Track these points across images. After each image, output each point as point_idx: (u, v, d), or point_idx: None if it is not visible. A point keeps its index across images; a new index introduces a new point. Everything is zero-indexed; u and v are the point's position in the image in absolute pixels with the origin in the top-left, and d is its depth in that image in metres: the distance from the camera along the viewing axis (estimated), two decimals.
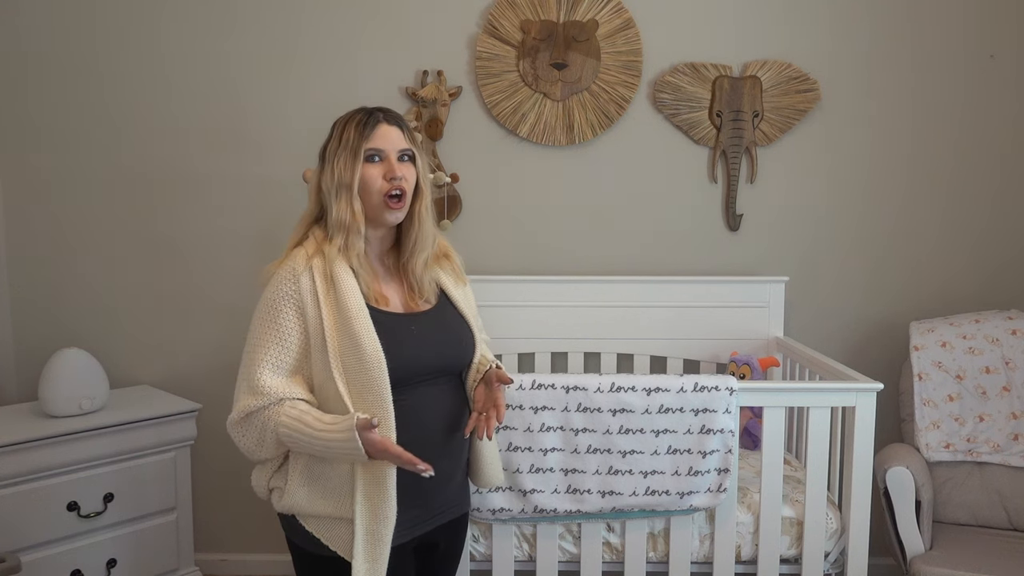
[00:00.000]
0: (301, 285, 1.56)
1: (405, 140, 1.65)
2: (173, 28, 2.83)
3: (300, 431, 1.51)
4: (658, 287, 2.84)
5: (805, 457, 2.19)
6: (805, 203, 2.91)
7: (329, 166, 1.62)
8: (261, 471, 1.67)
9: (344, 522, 1.57)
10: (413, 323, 1.64)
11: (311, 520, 1.60)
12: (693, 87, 2.84)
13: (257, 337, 1.57)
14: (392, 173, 1.60)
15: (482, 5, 2.84)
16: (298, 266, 1.58)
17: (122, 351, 2.92)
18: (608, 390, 2.07)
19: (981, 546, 2.35)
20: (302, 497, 1.59)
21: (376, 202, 1.61)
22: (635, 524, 2.17)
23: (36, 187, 2.87)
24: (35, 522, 2.30)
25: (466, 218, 2.90)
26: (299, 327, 1.56)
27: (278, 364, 1.56)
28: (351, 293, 1.56)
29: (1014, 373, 2.54)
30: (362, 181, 1.60)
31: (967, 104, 2.85)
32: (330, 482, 1.58)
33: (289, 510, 1.61)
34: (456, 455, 1.71)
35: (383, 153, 1.61)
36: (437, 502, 1.68)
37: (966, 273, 2.91)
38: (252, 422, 1.56)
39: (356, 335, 1.52)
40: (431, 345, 1.64)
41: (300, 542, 1.63)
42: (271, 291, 1.59)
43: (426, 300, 1.69)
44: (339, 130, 1.64)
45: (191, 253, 2.90)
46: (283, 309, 1.56)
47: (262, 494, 1.69)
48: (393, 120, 1.65)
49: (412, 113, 2.83)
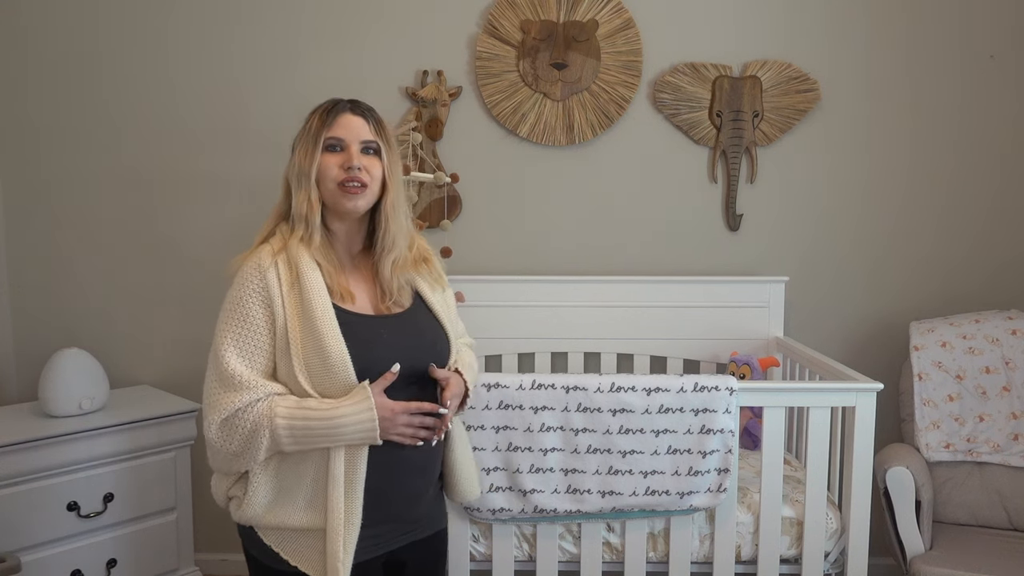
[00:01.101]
0: (268, 280, 1.51)
1: (370, 132, 1.58)
2: (174, 27, 2.83)
3: (305, 419, 1.45)
4: (658, 287, 2.84)
5: (805, 457, 2.19)
6: (805, 203, 2.91)
7: (293, 156, 1.59)
8: (222, 478, 1.59)
9: (306, 534, 1.52)
10: (383, 326, 1.57)
11: (271, 532, 1.54)
12: (693, 87, 2.84)
13: (226, 334, 1.50)
14: (349, 163, 1.54)
15: (482, 5, 2.84)
16: (263, 261, 1.52)
17: (122, 351, 2.92)
18: (608, 390, 2.07)
19: (981, 546, 2.35)
20: (263, 508, 1.53)
21: (332, 189, 1.55)
22: (635, 524, 2.17)
23: (36, 187, 2.88)
24: (35, 522, 2.30)
25: (466, 218, 2.90)
26: (268, 323, 1.50)
27: (253, 360, 1.49)
28: (316, 291, 1.51)
29: (1014, 373, 2.54)
30: (320, 170, 1.55)
31: (967, 104, 2.85)
32: (299, 490, 1.52)
33: (248, 521, 1.55)
34: (429, 469, 1.64)
35: (343, 143, 1.56)
36: (409, 517, 1.62)
37: (966, 273, 2.91)
38: (239, 422, 1.46)
39: (320, 335, 1.47)
40: (401, 350, 1.55)
41: (258, 554, 1.57)
42: (237, 287, 1.53)
43: (397, 304, 1.62)
44: (307, 120, 1.60)
45: (191, 253, 2.90)
46: (251, 304, 1.50)
47: (221, 502, 1.61)
48: (359, 110, 1.60)
49: (412, 113, 2.83)
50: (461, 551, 2.19)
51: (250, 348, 1.49)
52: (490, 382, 2.07)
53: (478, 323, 2.77)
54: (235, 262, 1.57)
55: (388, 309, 1.61)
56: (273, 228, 1.61)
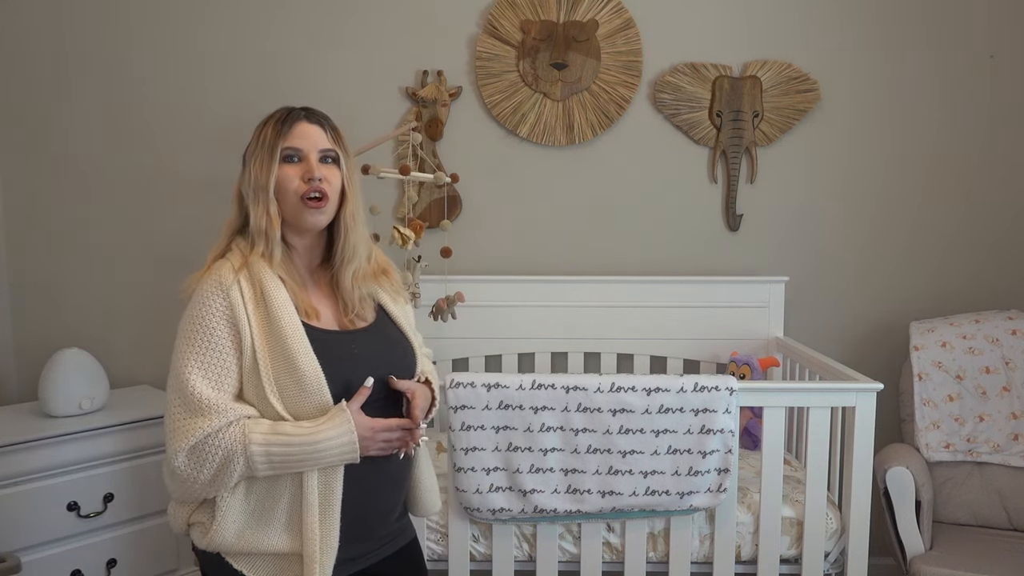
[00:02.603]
0: (232, 299, 1.44)
1: (328, 140, 1.53)
2: (174, 27, 2.83)
3: (285, 444, 1.39)
4: (658, 287, 2.84)
5: (805, 457, 2.19)
6: (805, 203, 2.91)
7: (247, 168, 1.52)
8: (181, 505, 1.51)
9: (281, 558, 1.47)
10: (353, 342, 1.53)
11: (241, 558, 1.47)
12: (693, 87, 2.84)
13: (188, 356, 1.42)
14: (310, 173, 1.48)
15: (482, 5, 2.84)
16: (225, 279, 1.45)
17: (122, 351, 2.92)
18: (608, 390, 2.07)
19: (981, 546, 2.35)
20: (234, 533, 1.45)
21: (293, 203, 1.49)
22: (635, 524, 2.17)
23: (36, 187, 2.87)
24: (35, 522, 2.30)
25: (466, 218, 2.90)
26: (234, 343, 1.43)
27: (220, 382, 1.42)
28: (284, 309, 1.45)
29: (1014, 373, 2.54)
30: (278, 182, 1.49)
31: (967, 104, 2.85)
32: (274, 514, 1.46)
33: (216, 548, 1.46)
34: (400, 482, 1.62)
35: (301, 153, 1.50)
36: (382, 532, 1.60)
37: (966, 273, 2.91)
38: (210, 449, 1.38)
39: (292, 354, 1.41)
40: (374, 364, 1.52)
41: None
42: (197, 306, 1.44)
43: (360, 317, 1.57)
44: (258, 130, 1.53)
45: (191, 253, 2.88)
46: (214, 324, 1.42)
47: (179, 530, 1.53)
48: (315, 119, 1.54)
49: (412, 113, 2.83)
50: (461, 551, 2.19)
51: (216, 370, 1.42)
52: (490, 382, 2.07)
53: (478, 323, 2.78)
54: (191, 280, 1.50)
55: (352, 323, 1.56)
56: (228, 244, 1.54)
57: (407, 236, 2.27)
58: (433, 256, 2.57)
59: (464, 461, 2.08)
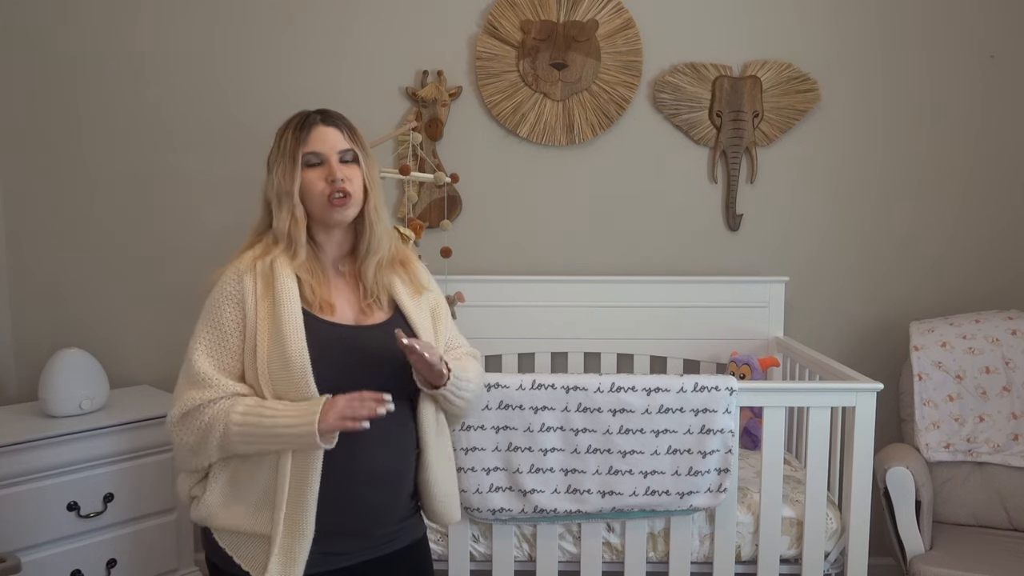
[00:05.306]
0: (243, 284, 1.53)
1: (345, 140, 1.58)
2: (173, 27, 2.83)
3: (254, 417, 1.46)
4: (658, 287, 2.84)
5: (805, 457, 2.19)
6: (805, 203, 2.91)
7: (271, 175, 1.58)
8: (186, 476, 1.60)
9: (258, 539, 1.50)
10: (358, 336, 1.56)
11: (225, 535, 1.54)
12: (693, 87, 2.84)
13: (200, 335, 1.54)
14: (332, 175, 1.54)
15: (482, 5, 2.84)
16: (243, 266, 1.56)
17: (122, 351, 2.92)
18: (608, 390, 2.07)
19: (981, 546, 2.35)
20: (216, 506, 1.53)
21: (320, 204, 1.56)
22: (635, 524, 2.17)
23: (36, 187, 2.87)
24: (35, 522, 2.30)
25: (466, 218, 2.90)
26: (239, 326, 1.52)
27: (222, 361, 1.52)
28: (287, 296, 1.52)
29: (1014, 373, 2.54)
30: (303, 187, 1.55)
31: (967, 104, 2.85)
32: (251, 494, 1.51)
33: (202, 520, 1.55)
34: (393, 482, 1.59)
35: (322, 156, 1.56)
36: (375, 532, 1.58)
37: (966, 273, 2.91)
38: (198, 417, 1.48)
39: (283, 339, 1.48)
40: (372, 363, 1.53)
41: (212, 556, 1.57)
42: (216, 291, 1.56)
43: (377, 305, 1.61)
44: (279, 137, 1.59)
45: (191, 253, 2.90)
46: (225, 307, 1.53)
47: (184, 500, 1.62)
48: (331, 121, 1.59)
49: (412, 113, 2.83)
50: (461, 551, 2.19)
51: (220, 350, 1.52)
52: (490, 382, 2.07)
53: (478, 323, 2.77)
54: (217, 272, 1.59)
55: (369, 308, 1.60)
56: (255, 241, 1.62)
57: (407, 236, 2.28)
58: (433, 256, 2.57)
59: (464, 461, 2.09)
